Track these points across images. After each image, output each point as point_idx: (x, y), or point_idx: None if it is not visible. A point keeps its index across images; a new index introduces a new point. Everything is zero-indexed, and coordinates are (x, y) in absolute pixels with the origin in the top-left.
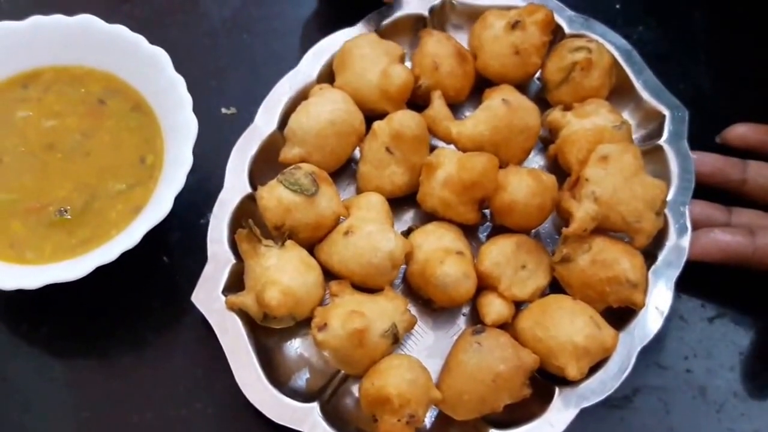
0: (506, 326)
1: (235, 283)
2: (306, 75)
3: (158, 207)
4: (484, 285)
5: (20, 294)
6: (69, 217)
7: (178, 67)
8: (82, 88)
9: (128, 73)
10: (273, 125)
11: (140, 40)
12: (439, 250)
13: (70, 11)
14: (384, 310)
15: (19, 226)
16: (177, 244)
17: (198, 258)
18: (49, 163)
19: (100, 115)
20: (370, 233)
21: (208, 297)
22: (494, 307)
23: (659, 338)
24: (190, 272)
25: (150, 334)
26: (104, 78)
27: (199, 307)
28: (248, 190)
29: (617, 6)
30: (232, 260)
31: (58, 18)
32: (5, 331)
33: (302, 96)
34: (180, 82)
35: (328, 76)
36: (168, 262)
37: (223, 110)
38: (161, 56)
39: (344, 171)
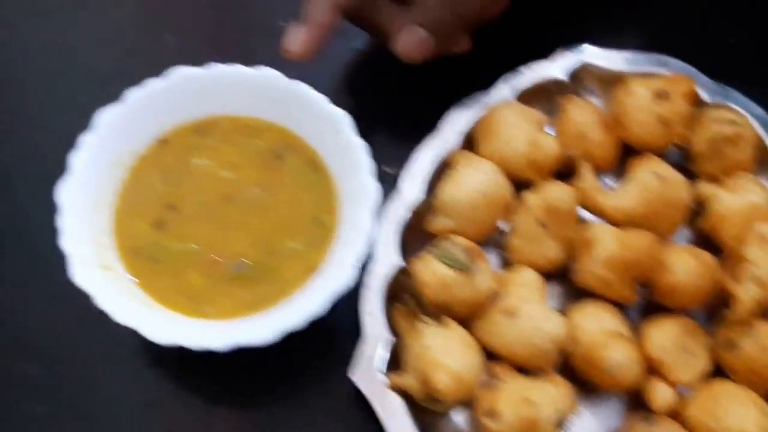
0: (671, 412)
1: (391, 359)
2: (446, 141)
3: (339, 273)
4: (651, 369)
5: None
6: (247, 272)
7: None
8: (258, 140)
9: (305, 129)
10: (418, 194)
11: (321, 99)
12: (604, 333)
13: (235, 55)
14: (551, 397)
15: (197, 279)
16: None
17: (346, 321)
18: (226, 216)
19: (277, 170)
20: (533, 315)
21: (366, 374)
22: (661, 393)
23: None
24: (343, 332)
25: (308, 395)
26: (279, 132)
27: (358, 385)
28: (399, 261)
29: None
30: (387, 335)
31: (238, 68)
32: (172, 381)
33: (444, 162)
34: (360, 146)
35: (468, 141)
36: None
37: (385, 168)
38: (342, 117)
39: (488, 241)
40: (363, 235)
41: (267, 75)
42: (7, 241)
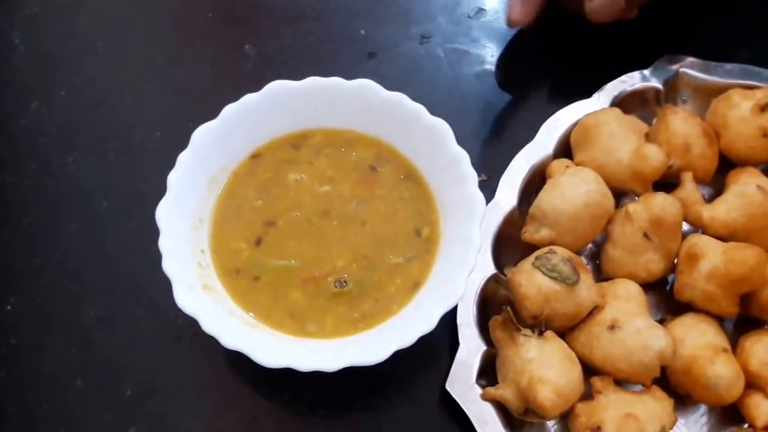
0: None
1: (486, 370)
2: (542, 148)
3: (445, 287)
4: (750, 384)
5: None
6: (348, 288)
7: None
8: (353, 153)
9: (400, 141)
10: (513, 202)
11: (421, 110)
12: (707, 347)
13: (317, 65)
14: (653, 411)
15: (299, 296)
16: None
17: (443, 328)
18: (325, 231)
19: (373, 182)
20: (639, 330)
21: (463, 386)
22: (764, 410)
23: None
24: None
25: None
26: (374, 144)
27: (455, 396)
28: (492, 270)
29: None
30: (483, 346)
31: (337, 81)
32: (266, 397)
33: (540, 170)
34: (464, 156)
35: (564, 150)
36: None
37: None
38: (443, 128)
39: (579, 251)
40: (472, 248)
41: (365, 86)
42: (109, 267)
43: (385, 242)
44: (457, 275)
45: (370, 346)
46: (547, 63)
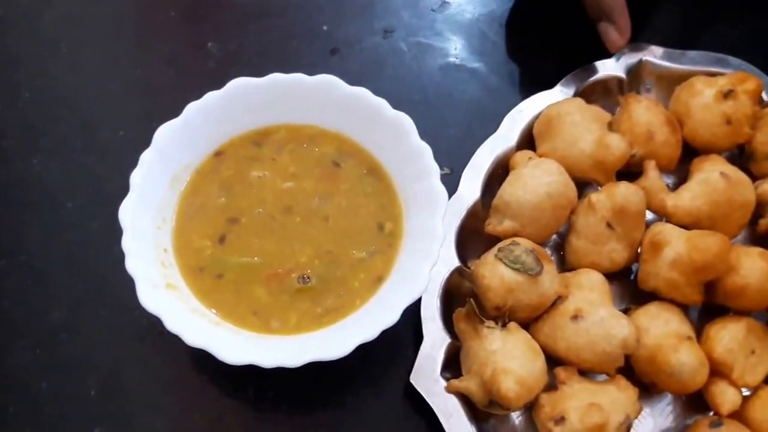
0: (735, 415)
1: (451, 363)
2: (506, 140)
3: (408, 281)
4: (715, 371)
5: None
6: (312, 284)
7: None
8: (316, 148)
9: (363, 136)
10: (476, 194)
11: (383, 104)
12: (670, 336)
13: (279, 62)
14: (617, 401)
15: (262, 293)
16: None
17: (407, 321)
18: (288, 227)
19: (336, 178)
20: (602, 319)
21: (428, 379)
22: (729, 397)
23: None
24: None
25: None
26: (337, 139)
27: (419, 389)
28: (456, 263)
29: None
30: (447, 339)
31: (299, 77)
32: (232, 395)
33: (503, 162)
34: (426, 150)
35: (527, 141)
36: None
37: (441, 170)
38: (405, 122)
39: (543, 242)
40: (435, 242)
41: (328, 82)
42: (74, 267)
43: (348, 237)
44: (420, 269)
45: (333, 341)
46: (510, 54)
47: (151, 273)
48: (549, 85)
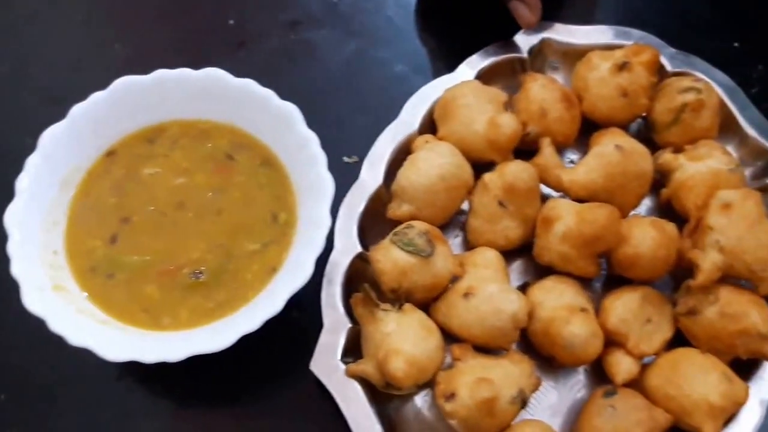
0: (633, 383)
1: (353, 347)
2: (408, 125)
3: (297, 270)
4: (611, 341)
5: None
6: (204, 279)
7: None
8: (209, 142)
9: (256, 127)
10: (378, 180)
11: (270, 95)
12: (563, 308)
13: (187, 58)
14: (510, 375)
15: (153, 290)
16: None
17: (312, 313)
18: (180, 223)
19: (229, 171)
20: (491, 294)
21: (327, 365)
22: (624, 366)
23: None
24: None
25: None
26: (230, 132)
27: (319, 376)
28: (358, 249)
29: (735, 44)
30: (348, 324)
31: (185, 72)
32: (139, 392)
33: (405, 147)
34: (313, 139)
35: (429, 125)
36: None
37: (345, 159)
38: (293, 112)
39: (450, 222)
40: (321, 230)
41: (214, 75)
42: None
43: (242, 230)
44: (306, 258)
45: (218, 334)
46: (413, 39)
47: (37, 276)
48: (451, 68)
